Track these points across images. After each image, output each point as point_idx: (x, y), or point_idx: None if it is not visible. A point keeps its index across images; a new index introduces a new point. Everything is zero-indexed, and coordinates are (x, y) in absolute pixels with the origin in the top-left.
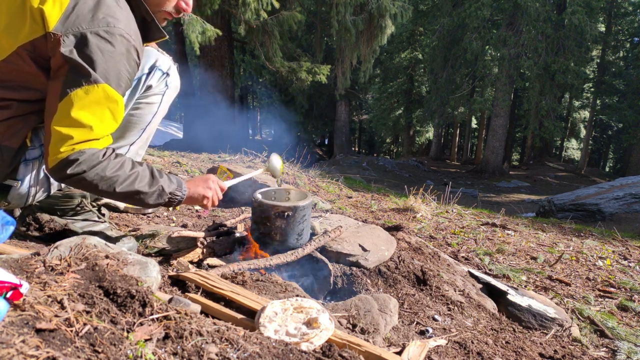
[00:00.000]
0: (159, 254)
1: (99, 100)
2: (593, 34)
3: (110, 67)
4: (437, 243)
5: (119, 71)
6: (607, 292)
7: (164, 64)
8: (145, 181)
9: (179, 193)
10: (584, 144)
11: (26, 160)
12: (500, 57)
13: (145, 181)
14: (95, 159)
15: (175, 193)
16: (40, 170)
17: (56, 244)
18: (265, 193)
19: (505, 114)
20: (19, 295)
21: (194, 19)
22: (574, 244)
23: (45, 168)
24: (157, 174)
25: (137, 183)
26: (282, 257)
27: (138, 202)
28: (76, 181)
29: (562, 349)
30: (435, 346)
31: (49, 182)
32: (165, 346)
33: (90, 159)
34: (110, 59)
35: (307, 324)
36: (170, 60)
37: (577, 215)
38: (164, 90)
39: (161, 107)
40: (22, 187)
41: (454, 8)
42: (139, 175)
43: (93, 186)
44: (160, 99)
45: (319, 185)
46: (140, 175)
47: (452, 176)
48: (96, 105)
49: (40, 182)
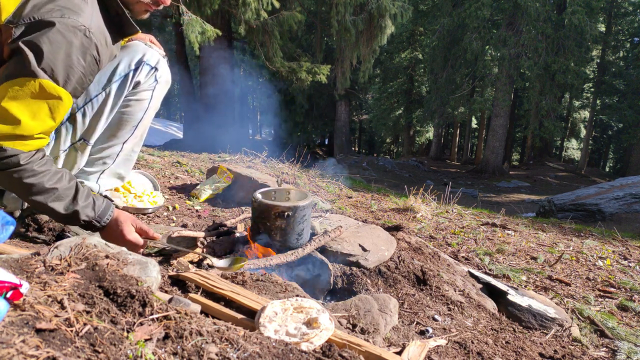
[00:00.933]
0: (159, 253)
1: (35, 94)
2: (593, 34)
3: (58, 59)
4: (437, 243)
5: (69, 65)
6: (607, 292)
7: (152, 58)
8: (64, 202)
9: (98, 224)
10: (584, 144)
11: None
12: (500, 57)
13: (63, 201)
14: (11, 162)
15: (94, 220)
16: None
17: (56, 244)
18: (265, 193)
19: (506, 114)
20: (19, 295)
21: (194, 19)
22: (574, 244)
23: None
24: (80, 198)
25: (51, 202)
26: (282, 257)
27: (50, 216)
28: None
29: (562, 349)
30: (435, 346)
31: None
32: (165, 346)
33: (7, 160)
34: (59, 51)
35: (307, 324)
36: (159, 53)
37: (577, 215)
38: (154, 85)
39: (152, 103)
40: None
41: (454, 8)
42: (58, 193)
43: (4, 184)
44: (150, 95)
45: (319, 185)
46: (58, 194)
47: (452, 176)
48: (31, 99)
49: None
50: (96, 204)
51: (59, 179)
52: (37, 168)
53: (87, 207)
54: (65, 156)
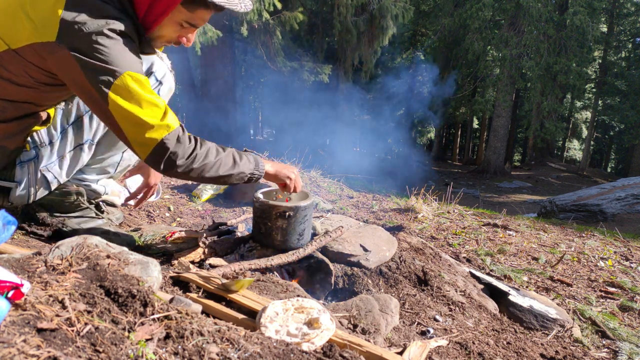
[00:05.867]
0: (161, 254)
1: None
2: (595, 35)
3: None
4: (438, 243)
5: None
6: (608, 293)
7: (159, 71)
8: (229, 166)
9: (257, 172)
10: (586, 144)
11: (21, 163)
12: (501, 57)
13: (228, 166)
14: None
15: (253, 173)
16: (37, 170)
17: (57, 244)
18: (267, 193)
19: (507, 115)
20: (20, 294)
21: None
22: (576, 245)
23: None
24: (238, 158)
25: (222, 169)
26: (284, 257)
27: (222, 184)
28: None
29: (563, 349)
30: (436, 347)
31: (48, 181)
32: (166, 346)
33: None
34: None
35: (308, 324)
36: (167, 66)
37: (579, 216)
38: None
39: None
40: (20, 189)
41: (456, 8)
42: (222, 161)
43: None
44: None
45: (320, 185)
46: (223, 162)
47: (454, 176)
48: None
49: (39, 182)
50: (248, 156)
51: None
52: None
53: (245, 164)
54: (71, 155)
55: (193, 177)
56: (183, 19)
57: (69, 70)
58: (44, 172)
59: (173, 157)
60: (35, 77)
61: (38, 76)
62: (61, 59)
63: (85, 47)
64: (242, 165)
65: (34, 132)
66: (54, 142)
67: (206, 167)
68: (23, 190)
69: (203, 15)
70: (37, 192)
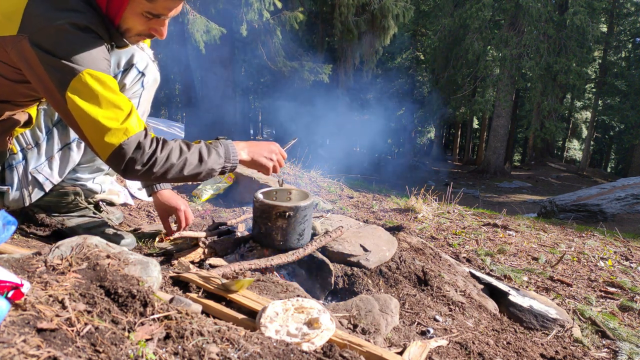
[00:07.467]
0: (161, 253)
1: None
2: (595, 35)
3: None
4: (438, 243)
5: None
6: (608, 293)
7: (141, 62)
8: (194, 165)
9: (228, 164)
10: (586, 144)
11: (10, 166)
12: (501, 57)
13: (193, 165)
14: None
15: (224, 166)
16: (28, 173)
17: (57, 244)
18: (266, 193)
19: (507, 115)
20: (20, 294)
21: (198, 18)
22: (576, 245)
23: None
24: (205, 154)
25: (186, 169)
26: (283, 257)
27: (192, 181)
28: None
29: (563, 349)
30: (436, 347)
31: (40, 183)
32: (166, 346)
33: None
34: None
35: (308, 324)
36: (149, 56)
37: (579, 216)
38: (140, 92)
39: (138, 109)
40: (13, 192)
41: (456, 8)
42: (187, 161)
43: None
44: (137, 102)
45: (320, 186)
46: (188, 161)
47: (454, 176)
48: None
49: (30, 184)
50: (218, 150)
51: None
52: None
53: (213, 159)
54: (60, 155)
55: (156, 179)
56: (144, 10)
57: (31, 64)
58: (34, 174)
59: (131, 162)
60: (3, 73)
61: (6, 72)
62: (22, 52)
63: (44, 42)
64: (210, 161)
65: (19, 135)
66: (40, 143)
67: (169, 170)
68: (16, 193)
69: (167, 5)
70: (31, 194)
